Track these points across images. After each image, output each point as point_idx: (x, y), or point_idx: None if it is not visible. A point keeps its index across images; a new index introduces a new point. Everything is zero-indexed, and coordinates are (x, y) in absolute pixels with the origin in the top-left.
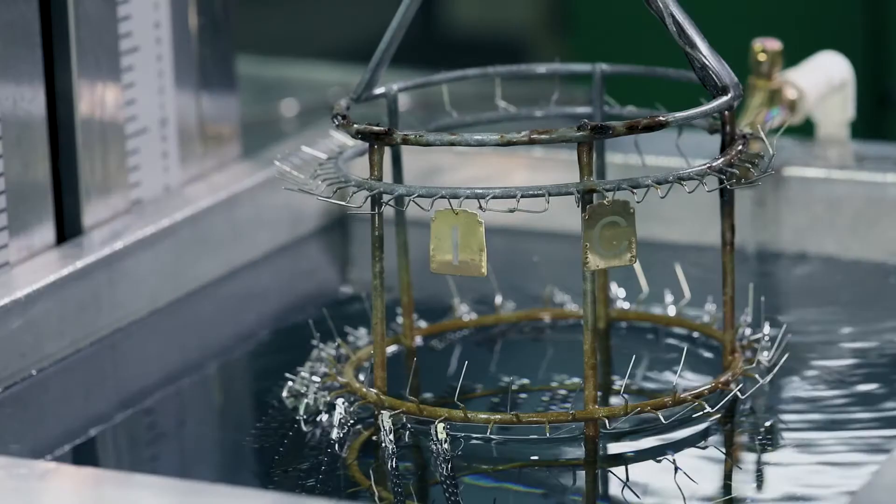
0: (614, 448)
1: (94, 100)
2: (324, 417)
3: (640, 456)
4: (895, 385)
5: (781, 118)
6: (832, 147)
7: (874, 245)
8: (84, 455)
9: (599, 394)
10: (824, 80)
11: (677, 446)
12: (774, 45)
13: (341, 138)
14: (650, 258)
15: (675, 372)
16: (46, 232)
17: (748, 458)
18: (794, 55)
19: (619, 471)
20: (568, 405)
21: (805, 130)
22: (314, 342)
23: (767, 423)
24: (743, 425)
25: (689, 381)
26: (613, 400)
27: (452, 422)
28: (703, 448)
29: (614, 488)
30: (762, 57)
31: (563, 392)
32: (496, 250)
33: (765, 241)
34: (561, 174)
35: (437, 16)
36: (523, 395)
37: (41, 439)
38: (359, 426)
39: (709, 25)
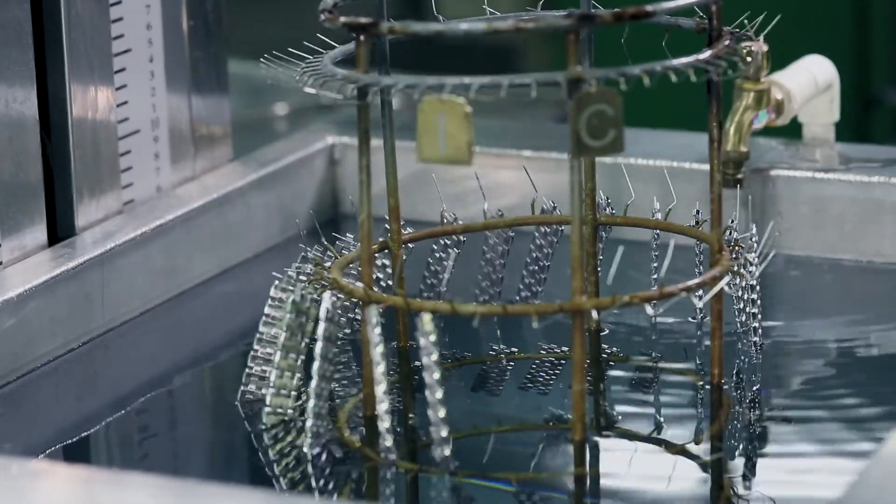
0: (603, 445)
1: (86, 101)
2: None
3: (630, 459)
4: (881, 384)
5: (768, 119)
6: (818, 148)
7: (860, 246)
8: (76, 454)
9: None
10: (810, 83)
11: (666, 446)
12: (761, 47)
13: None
14: (637, 255)
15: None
16: (39, 232)
17: (735, 460)
18: (781, 58)
19: (608, 473)
20: (557, 371)
21: (791, 132)
22: (301, 245)
23: (754, 424)
24: (729, 425)
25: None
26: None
27: (439, 313)
28: (692, 447)
29: (604, 492)
30: (749, 59)
31: (551, 359)
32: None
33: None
34: (551, 175)
35: (426, 18)
36: (511, 364)
37: (33, 439)
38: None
39: None
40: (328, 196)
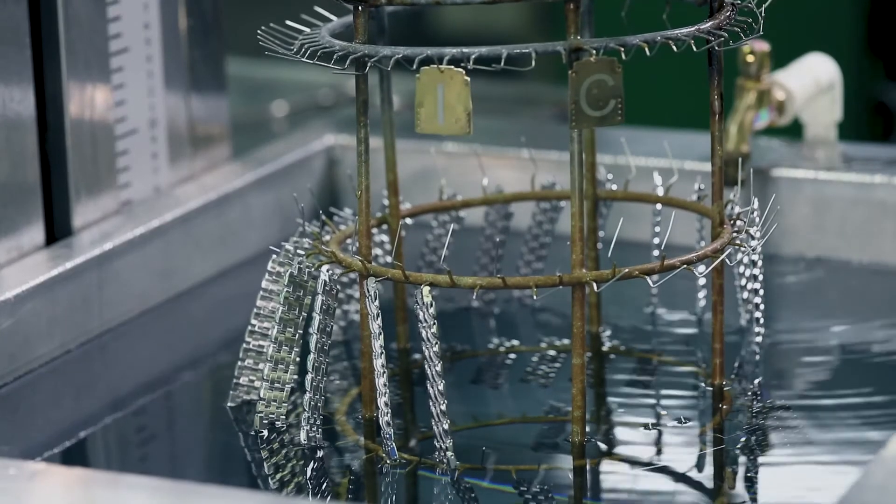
0: (605, 448)
1: (83, 101)
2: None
3: (632, 462)
4: (883, 385)
5: (769, 119)
6: (820, 148)
7: (861, 246)
8: (74, 456)
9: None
10: (812, 82)
11: (668, 447)
12: (763, 46)
13: None
14: (636, 256)
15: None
16: (36, 233)
17: (739, 460)
18: (782, 57)
19: (609, 473)
20: (557, 365)
21: (793, 132)
22: (298, 220)
23: (757, 424)
24: (732, 426)
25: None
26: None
27: (437, 286)
28: (695, 448)
29: (604, 489)
30: (751, 58)
31: (552, 353)
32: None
33: None
34: (551, 175)
35: (426, 18)
36: (512, 356)
37: (31, 440)
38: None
39: None
40: (327, 196)
